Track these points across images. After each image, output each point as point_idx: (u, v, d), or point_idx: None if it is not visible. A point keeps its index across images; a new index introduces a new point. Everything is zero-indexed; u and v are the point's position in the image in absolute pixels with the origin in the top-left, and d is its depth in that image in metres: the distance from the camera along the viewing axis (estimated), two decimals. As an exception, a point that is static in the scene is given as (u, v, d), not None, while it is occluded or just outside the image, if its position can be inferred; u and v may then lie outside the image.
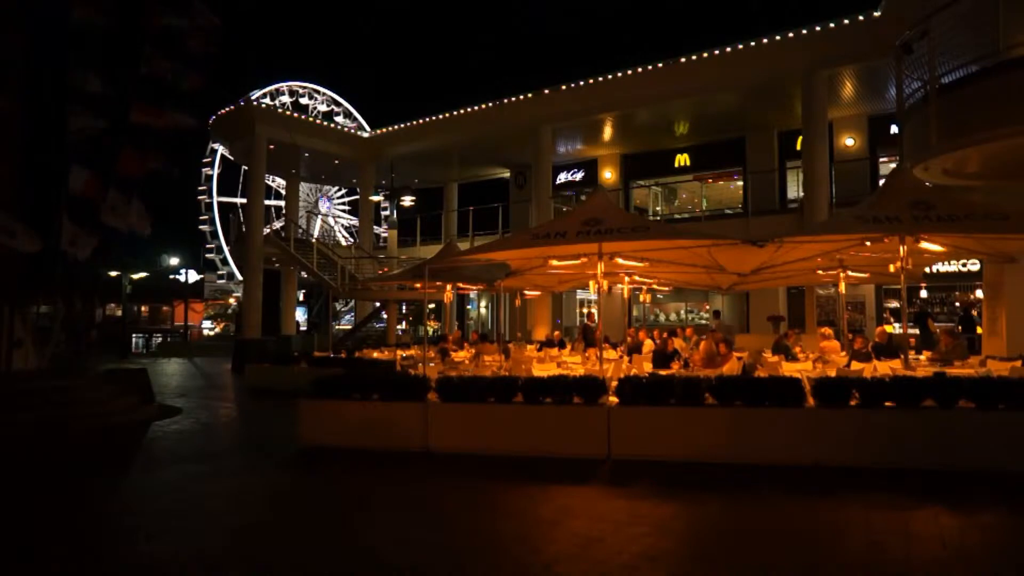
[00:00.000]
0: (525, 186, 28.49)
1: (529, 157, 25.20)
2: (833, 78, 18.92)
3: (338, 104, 46.49)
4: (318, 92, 46.60)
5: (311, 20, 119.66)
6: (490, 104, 24.62)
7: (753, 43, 18.98)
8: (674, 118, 23.29)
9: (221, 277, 53.48)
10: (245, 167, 37.30)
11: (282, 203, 37.60)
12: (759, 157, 23.35)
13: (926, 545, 4.99)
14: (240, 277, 34.93)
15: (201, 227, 49.72)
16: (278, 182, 43.65)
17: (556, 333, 19.57)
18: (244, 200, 31.52)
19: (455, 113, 25.72)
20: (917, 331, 16.24)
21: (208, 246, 50.60)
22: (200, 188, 48.43)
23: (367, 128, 37.31)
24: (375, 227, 33.38)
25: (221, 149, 44.25)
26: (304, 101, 46.06)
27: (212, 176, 47.78)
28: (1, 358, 7.84)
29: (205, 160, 47.64)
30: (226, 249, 46.86)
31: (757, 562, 4.71)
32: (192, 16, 8.29)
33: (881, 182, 19.71)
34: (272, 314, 30.29)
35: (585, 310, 27.66)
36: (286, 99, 44.67)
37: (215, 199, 47.85)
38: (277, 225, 33.06)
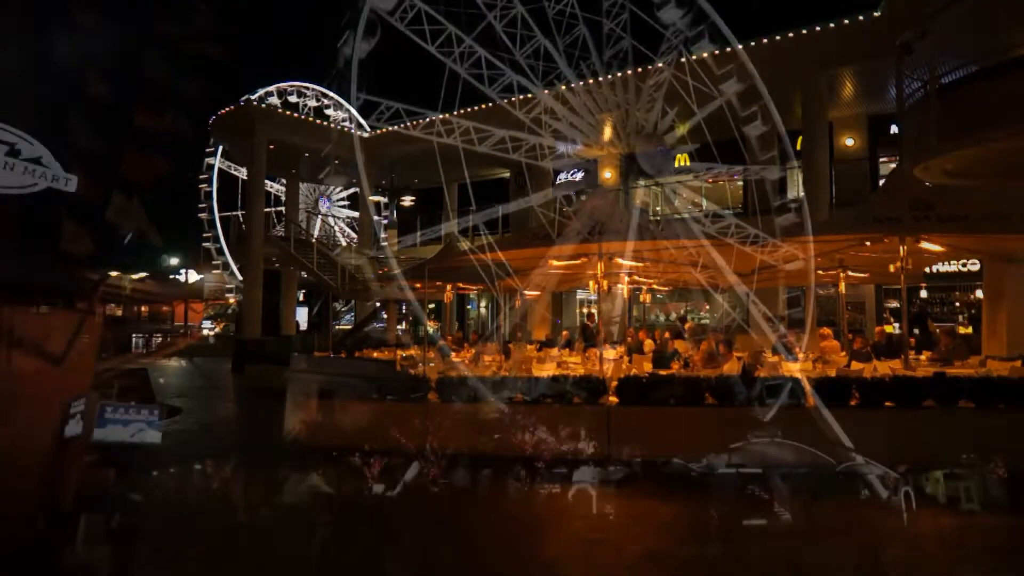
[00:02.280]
0: (525, 186, 28.48)
1: (528, 157, 25.17)
2: (833, 78, 18.90)
3: (328, 97, 46.10)
4: (307, 89, 46.22)
5: (309, 20, 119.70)
6: (490, 104, 24.60)
7: (753, 43, 18.95)
8: (674, 118, 23.25)
9: (230, 291, 53.08)
10: (243, 177, 37.20)
11: (282, 208, 37.48)
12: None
13: (926, 545, 4.99)
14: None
15: (204, 244, 49.28)
16: (277, 188, 43.48)
17: (564, 333, 19.44)
18: (244, 212, 31.49)
19: (455, 113, 25.70)
20: (917, 331, 16.22)
21: (214, 262, 50.28)
22: (200, 205, 47.97)
23: (363, 122, 37.21)
24: (375, 217, 33.14)
25: (218, 164, 44.04)
26: (293, 99, 45.63)
27: (211, 192, 47.32)
28: (1, 358, 7.80)
29: (202, 176, 47.19)
30: (228, 253, 46.67)
31: (757, 562, 4.71)
32: (193, 18, 8.24)
33: (881, 182, 19.73)
34: (272, 314, 30.27)
35: (585, 310, 27.64)
36: (275, 100, 44.35)
37: (216, 215, 47.41)
38: (279, 230, 32.99)
